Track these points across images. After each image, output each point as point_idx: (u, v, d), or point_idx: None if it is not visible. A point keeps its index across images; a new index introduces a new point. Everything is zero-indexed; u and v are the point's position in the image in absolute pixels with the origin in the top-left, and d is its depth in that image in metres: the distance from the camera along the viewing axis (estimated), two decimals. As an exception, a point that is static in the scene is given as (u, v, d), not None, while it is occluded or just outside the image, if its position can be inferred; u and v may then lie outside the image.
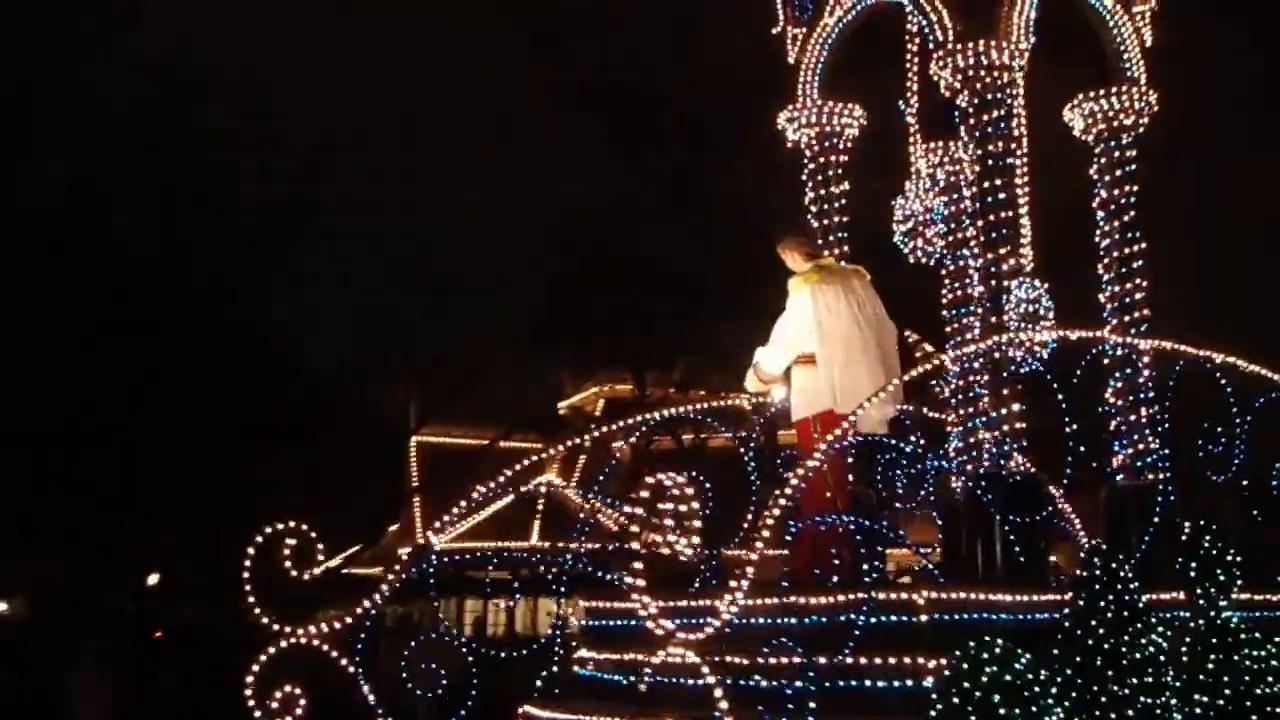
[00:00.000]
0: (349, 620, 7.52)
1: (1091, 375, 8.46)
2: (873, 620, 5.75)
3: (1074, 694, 6.00)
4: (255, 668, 7.04)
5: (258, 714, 7.06)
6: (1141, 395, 8.51)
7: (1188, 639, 6.77)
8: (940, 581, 6.37)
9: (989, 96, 7.99)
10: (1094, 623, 6.16)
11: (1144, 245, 8.79)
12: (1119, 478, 8.55)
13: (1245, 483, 7.54)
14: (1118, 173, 8.88)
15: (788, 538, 7.47)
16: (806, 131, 9.39)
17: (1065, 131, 9.33)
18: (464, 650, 7.74)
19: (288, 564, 7.03)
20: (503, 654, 8.00)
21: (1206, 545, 6.99)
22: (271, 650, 6.92)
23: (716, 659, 6.18)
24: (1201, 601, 6.94)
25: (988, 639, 5.62)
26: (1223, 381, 7.81)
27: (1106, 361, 8.64)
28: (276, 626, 7.04)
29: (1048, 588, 6.74)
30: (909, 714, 5.58)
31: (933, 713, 5.42)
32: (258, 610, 7.09)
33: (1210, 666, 6.67)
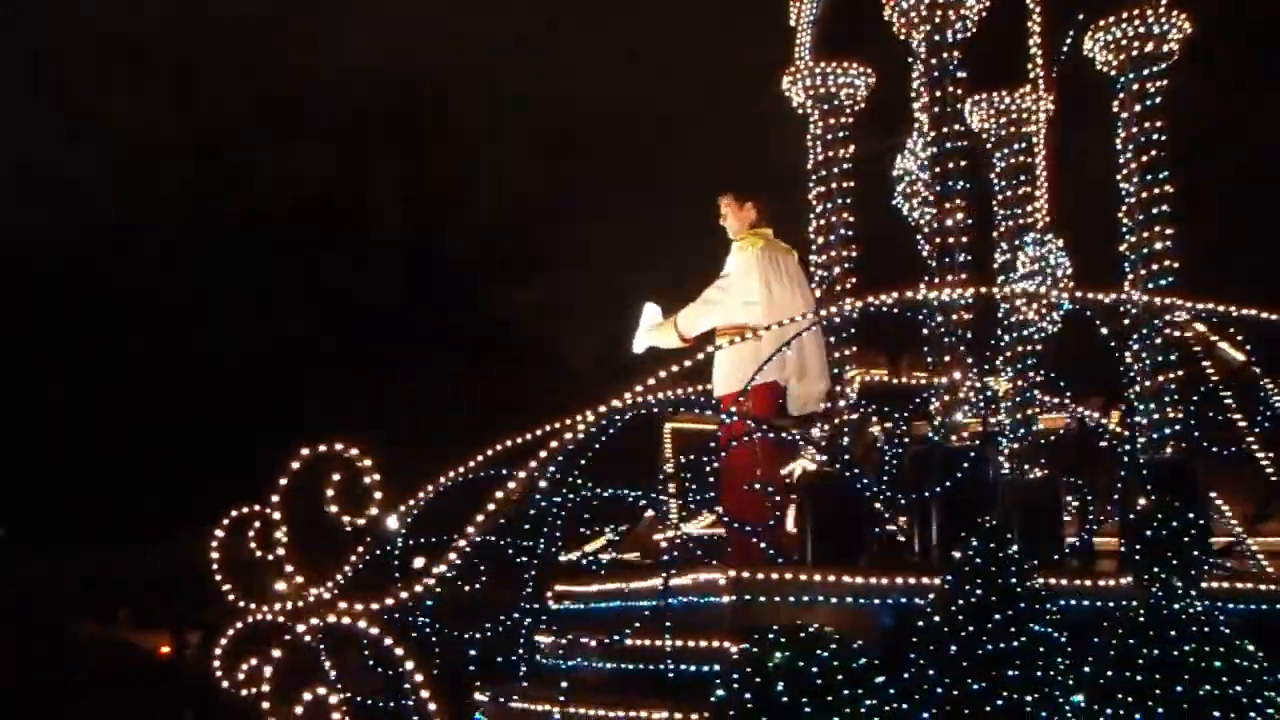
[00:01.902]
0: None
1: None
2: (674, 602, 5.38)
3: (925, 685, 5.40)
4: (223, 641, 7.43)
5: (225, 685, 7.45)
6: (1163, 357, 7.46)
7: (1120, 631, 5.90)
8: (780, 562, 5.87)
9: (937, 38, 7.26)
10: (954, 610, 5.50)
11: (1170, 188, 7.69)
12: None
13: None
14: (1137, 107, 7.82)
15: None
16: (807, 94, 8.88)
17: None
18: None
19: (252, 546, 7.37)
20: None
21: (1157, 526, 6.06)
22: (238, 626, 7.28)
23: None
24: (1156, 589, 6.03)
25: (798, 625, 5.18)
26: (1240, 339, 6.77)
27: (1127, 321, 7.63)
28: (241, 604, 7.33)
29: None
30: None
31: (712, 698, 5.04)
32: (225, 588, 7.45)
33: (1140, 663, 5.78)
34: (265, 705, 4.74)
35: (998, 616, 5.43)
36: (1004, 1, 9.13)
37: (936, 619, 5.50)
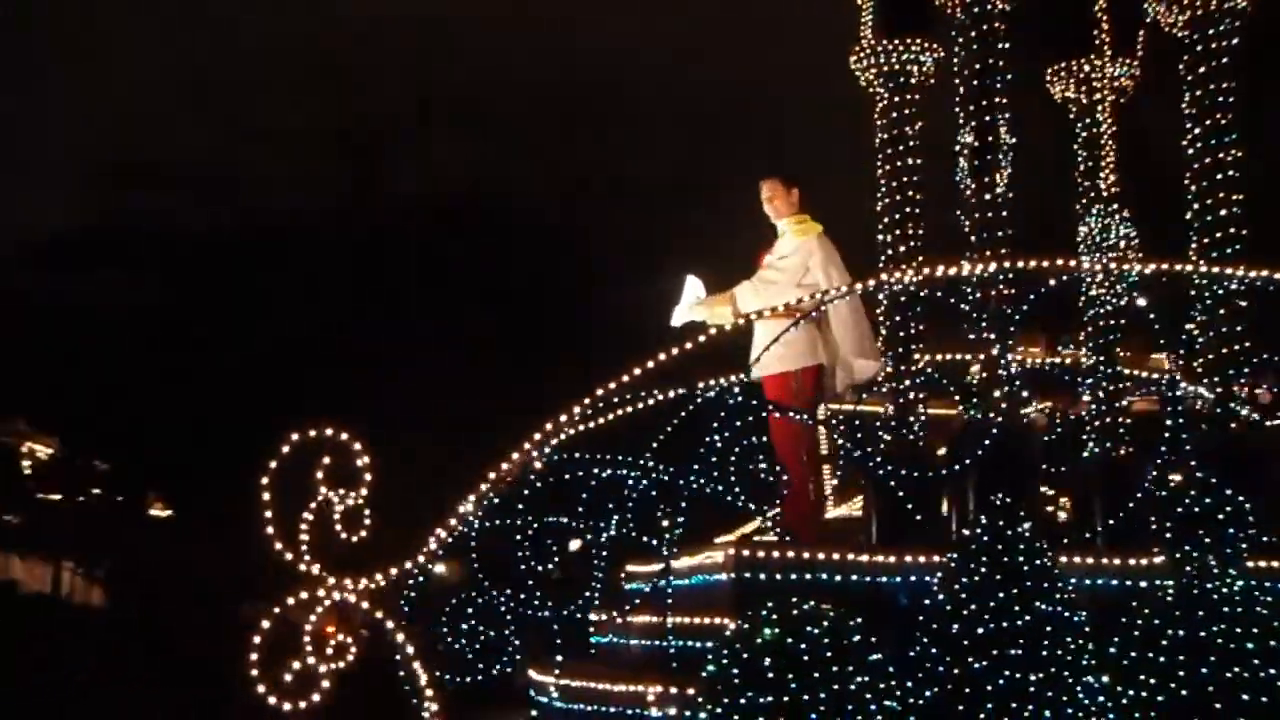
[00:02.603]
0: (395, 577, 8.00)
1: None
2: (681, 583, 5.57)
3: (926, 663, 5.42)
4: (311, 619, 7.55)
5: (312, 661, 7.53)
6: (1227, 329, 7.18)
7: (1145, 611, 5.77)
8: (787, 541, 5.96)
9: (976, 10, 7.15)
10: (958, 588, 5.50)
11: (1237, 153, 7.36)
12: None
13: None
14: (1201, 70, 7.50)
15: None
16: (874, 72, 8.85)
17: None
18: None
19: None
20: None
21: (1189, 502, 5.89)
22: (321, 599, 5.85)
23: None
24: (1188, 568, 5.87)
25: (792, 602, 5.28)
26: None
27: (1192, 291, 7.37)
28: (318, 575, 5.88)
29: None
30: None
31: (703, 674, 5.21)
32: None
33: (1165, 644, 5.64)
34: (254, 672, 5.09)
35: (1001, 595, 5.42)
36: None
37: (940, 597, 5.52)
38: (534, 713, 5.69)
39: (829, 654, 5.15)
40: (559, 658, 5.84)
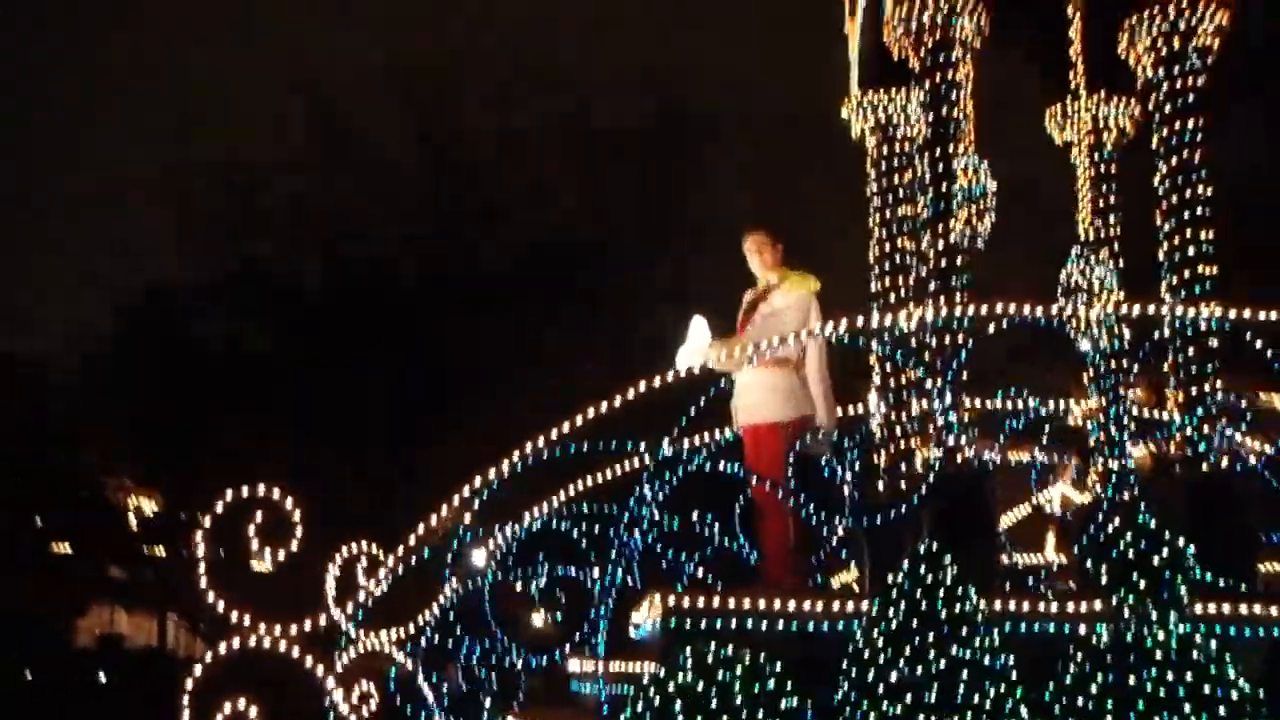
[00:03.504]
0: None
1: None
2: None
3: (846, 709, 5.51)
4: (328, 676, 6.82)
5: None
6: (1199, 368, 7.11)
7: (1079, 656, 5.77)
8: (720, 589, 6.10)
9: (928, 61, 7.27)
10: (876, 634, 5.59)
11: (1208, 189, 7.31)
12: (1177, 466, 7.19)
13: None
14: (1167, 108, 7.48)
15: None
16: (864, 123, 9.01)
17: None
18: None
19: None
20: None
21: (1124, 549, 5.87)
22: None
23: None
24: (1125, 613, 5.85)
25: (708, 649, 5.44)
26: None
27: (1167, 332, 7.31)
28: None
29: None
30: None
31: (622, 717, 5.42)
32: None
33: (1094, 690, 5.63)
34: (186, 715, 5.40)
35: (916, 640, 5.49)
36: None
37: (860, 643, 5.61)
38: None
39: (743, 699, 5.31)
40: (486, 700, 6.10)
